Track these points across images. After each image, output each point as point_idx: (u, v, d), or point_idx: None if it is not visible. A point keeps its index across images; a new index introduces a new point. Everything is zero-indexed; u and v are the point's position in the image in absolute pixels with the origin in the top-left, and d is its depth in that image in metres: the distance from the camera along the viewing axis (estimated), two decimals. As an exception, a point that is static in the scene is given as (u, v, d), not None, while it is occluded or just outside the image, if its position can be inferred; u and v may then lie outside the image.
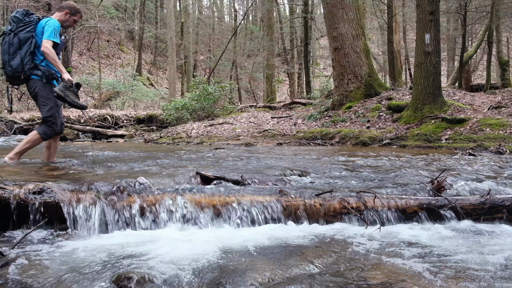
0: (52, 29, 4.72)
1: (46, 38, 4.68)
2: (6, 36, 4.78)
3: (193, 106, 16.80)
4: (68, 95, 4.65)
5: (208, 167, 4.73)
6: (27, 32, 4.75)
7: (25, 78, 4.79)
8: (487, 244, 2.59)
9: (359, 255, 2.38)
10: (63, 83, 4.68)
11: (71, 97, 4.67)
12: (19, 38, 4.72)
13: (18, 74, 4.74)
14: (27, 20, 4.79)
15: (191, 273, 2.05)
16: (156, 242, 2.52)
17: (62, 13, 4.99)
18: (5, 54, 4.75)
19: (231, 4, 44.01)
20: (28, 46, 4.73)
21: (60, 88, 4.66)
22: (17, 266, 2.12)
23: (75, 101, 4.71)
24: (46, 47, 4.64)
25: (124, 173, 4.10)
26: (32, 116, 17.52)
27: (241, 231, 2.79)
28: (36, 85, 4.80)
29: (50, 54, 4.65)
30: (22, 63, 4.71)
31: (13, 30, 4.75)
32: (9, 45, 4.73)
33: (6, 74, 4.84)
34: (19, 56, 4.71)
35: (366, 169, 5.06)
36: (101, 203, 2.80)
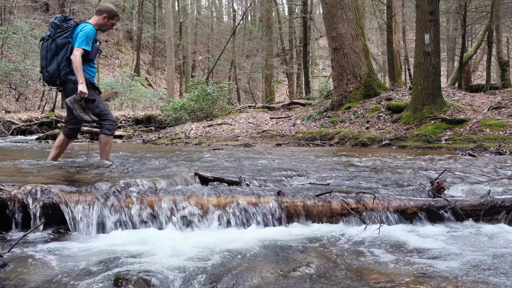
0: (85, 36, 4.78)
1: (77, 45, 4.75)
2: (45, 42, 4.88)
3: (192, 106, 16.78)
4: (75, 107, 4.73)
5: (207, 168, 4.72)
6: (64, 38, 4.83)
7: (61, 82, 4.91)
8: (487, 245, 2.57)
9: (358, 256, 2.36)
10: (75, 95, 4.74)
11: (77, 111, 4.75)
12: (56, 44, 4.82)
13: (54, 79, 4.86)
14: (64, 26, 4.88)
15: (190, 274, 2.05)
16: (155, 243, 2.52)
17: (100, 17, 5.06)
18: (43, 60, 4.87)
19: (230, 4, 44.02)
20: (64, 51, 4.82)
21: (71, 99, 4.73)
22: (14, 267, 2.11)
23: (80, 115, 4.77)
24: (75, 55, 4.71)
25: (122, 174, 4.08)
26: (30, 116, 17.47)
27: (240, 232, 2.78)
28: (72, 89, 4.87)
29: (75, 63, 4.70)
30: (58, 68, 4.81)
31: (51, 36, 4.85)
32: (47, 51, 4.83)
33: (43, 78, 4.95)
34: (55, 62, 4.81)
35: (366, 169, 5.04)
36: (99, 204, 2.79)
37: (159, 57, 39.16)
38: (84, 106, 4.79)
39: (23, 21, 22.95)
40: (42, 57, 4.89)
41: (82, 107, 4.77)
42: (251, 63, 33.69)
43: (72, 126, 5.10)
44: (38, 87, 22.88)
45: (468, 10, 17.12)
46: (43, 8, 30.87)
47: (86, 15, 26.82)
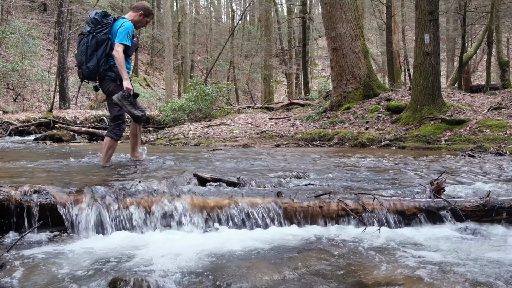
0: (126, 32, 4.82)
1: (118, 41, 4.78)
2: (85, 37, 4.89)
3: (190, 107, 16.74)
4: (125, 104, 4.76)
5: (205, 168, 4.71)
6: (104, 34, 4.86)
7: (100, 78, 4.96)
8: (487, 246, 2.57)
9: (357, 257, 2.36)
10: (122, 91, 4.75)
11: (127, 107, 4.78)
12: (96, 39, 4.84)
13: (94, 75, 4.90)
14: (104, 22, 4.92)
15: (188, 276, 2.04)
16: (153, 244, 2.51)
17: (136, 14, 5.11)
18: (82, 55, 4.86)
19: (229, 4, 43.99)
20: (104, 47, 4.86)
21: (118, 97, 4.74)
22: (12, 269, 2.11)
23: (131, 111, 4.81)
24: (117, 51, 4.74)
25: (121, 174, 4.09)
26: (28, 117, 17.41)
27: (239, 233, 2.78)
28: (109, 85, 4.95)
29: (118, 59, 4.74)
30: (97, 64, 4.85)
31: (91, 32, 4.87)
32: (87, 46, 4.85)
33: (82, 74, 4.94)
34: (95, 58, 4.84)
35: (365, 170, 5.05)
36: (97, 205, 2.79)
37: (158, 57, 39.11)
38: (133, 101, 4.82)
39: (21, 21, 22.94)
40: (82, 52, 4.87)
41: (131, 103, 4.80)
42: (250, 63, 33.67)
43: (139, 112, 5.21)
44: (36, 87, 22.82)
45: (468, 10, 17.11)
46: (40, 8, 30.82)
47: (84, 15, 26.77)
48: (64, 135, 13.31)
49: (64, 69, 21.24)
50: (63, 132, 13.81)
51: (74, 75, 26.61)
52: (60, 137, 12.96)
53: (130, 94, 4.77)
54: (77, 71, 5.06)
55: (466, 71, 19.47)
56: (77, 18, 27.74)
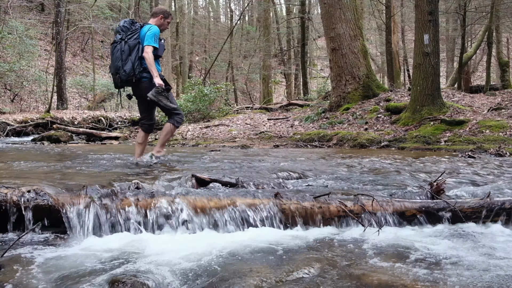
0: (153, 35, 5.22)
1: (147, 44, 5.17)
2: (118, 44, 5.26)
3: (188, 107, 16.71)
4: (160, 99, 5.15)
5: (204, 169, 4.71)
6: (134, 40, 5.24)
7: (136, 80, 5.26)
8: (487, 247, 2.57)
9: (356, 258, 2.36)
10: (155, 88, 5.11)
11: (163, 101, 5.17)
12: (129, 45, 5.21)
13: (131, 78, 5.21)
14: (133, 29, 5.32)
15: (186, 277, 2.05)
16: (151, 246, 2.52)
17: (157, 18, 5.48)
18: (118, 61, 5.22)
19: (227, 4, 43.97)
20: (136, 52, 5.21)
21: (153, 93, 5.10)
22: (9, 270, 2.11)
23: (168, 105, 5.23)
24: (147, 52, 5.14)
25: (119, 175, 4.08)
26: (25, 117, 17.36)
27: (237, 235, 2.78)
28: (147, 85, 5.25)
29: (148, 59, 5.12)
30: (133, 67, 5.19)
31: (123, 39, 5.25)
32: (122, 52, 5.21)
33: (120, 79, 5.25)
34: (130, 62, 5.19)
35: (364, 171, 5.04)
36: (95, 206, 2.79)
37: (156, 57, 38.96)
38: (167, 95, 5.20)
39: (18, 21, 22.90)
40: (117, 58, 5.23)
41: (165, 97, 5.18)
42: (249, 63, 33.55)
43: (149, 121, 5.62)
44: (34, 88, 22.77)
45: (468, 10, 17.11)
46: (38, 8, 30.78)
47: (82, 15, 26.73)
48: (62, 136, 13.30)
49: (62, 69, 21.20)
50: (61, 132, 13.81)
51: (71, 75, 26.61)
52: (58, 138, 12.97)
53: (163, 89, 5.14)
54: (114, 78, 5.37)
55: (466, 72, 19.44)
56: (75, 18, 27.70)
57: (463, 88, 17.82)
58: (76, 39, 32.03)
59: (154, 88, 5.13)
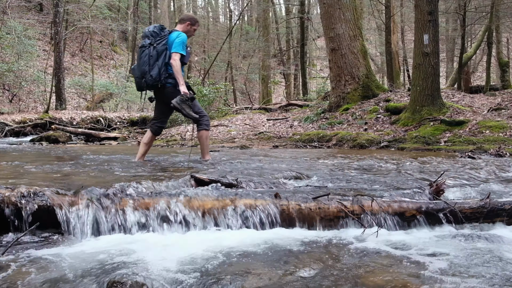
0: (181, 42, 5.32)
1: (174, 51, 5.27)
2: (146, 49, 5.35)
3: (188, 108, 16.61)
4: (184, 107, 5.23)
5: (203, 170, 4.69)
6: (162, 45, 5.33)
7: (161, 86, 5.37)
8: (486, 248, 2.56)
9: (356, 259, 2.36)
10: (180, 96, 5.20)
11: (186, 110, 5.25)
12: (157, 50, 5.31)
13: (156, 83, 5.32)
14: (162, 34, 5.41)
15: (185, 278, 2.05)
16: (150, 246, 2.52)
17: (184, 25, 5.59)
18: (145, 65, 5.31)
19: (226, 4, 43.93)
20: (163, 57, 5.32)
21: (177, 101, 5.19)
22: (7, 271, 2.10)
23: (190, 113, 5.30)
24: (174, 60, 5.25)
25: (118, 176, 4.08)
26: (24, 118, 17.33)
27: (236, 235, 2.76)
28: (171, 91, 5.36)
29: (175, 67, 5.24)
30: (159, 73, 5.29)
31: (152, 44, 5.35)
32: (149, 57, 5.30)
33: (145, 83, 5.34)
34: (157, 67, 5.29)
35: (364, 172, 5.03)
36: (94, 207, 2.79)
37: (155, 58, 38.90)
38: (191, 104, 5.30)
39: (17, 21, 22.85)
40: (144, 63, 5.31)
41: (189, 105, 5.28)
42: (248, 64, 33.51)
43: (160, 124, 5.72)
44: (32, 88, 22.73)
45: (468, 10, 17.09)
46: (37, 8, 30.71)
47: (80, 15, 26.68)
48: (60, 136, 13.27)
49: (61, 69, 21.17)
50: (60, 133, 13.79)
51: (70, 75, 26.57)
52: (57, 138, 12.96)
53: (187, 98, 5.23)
54: (137, 81, 5.44)
55: (466, 72, 19.41)
56: (74, 18, 27.65)
57: (463, 89, 17.80)
58: (75, 39, 31.98)
59: (179, 96, 5.21)
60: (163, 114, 5.72)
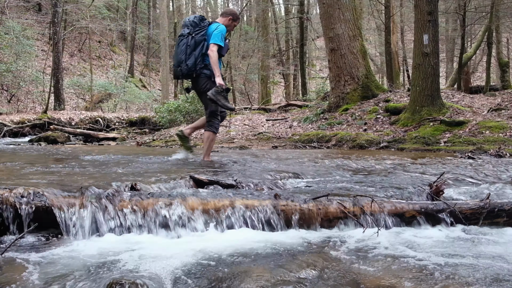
0: (220, 34, 5.42)
1: (213, 42, 5.36)
2: (184, 38, 5.46)
3: (187, 108, 16.64)
4: (219, 99, 5.30)
5: (202, 170, 4.66)
6: (201, 36, 5.44)
7: (196, 76, 5.48)
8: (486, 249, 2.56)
9: (355, 261, 2.35)
10: (215, 87, 5.31)
11: (222, 101, 5.33)
12: (195, 40, 5.41)
13: (191, 72, 5.43)
14: (202, 25, 5.51)
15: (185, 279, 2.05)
16: (149, 247, 2.51)
17: (226, 19, 5.69)
18: (182, 54, 5.42)
19: (225, 4, 43.84)
20: (201, 48, 5.41)
21: (213, 92, 5.28)
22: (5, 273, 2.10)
23: (225, 105, 5.39)
24: (212, 51, 5.34)
25: (116, 177, 4.05)
26: (22, 118, 17.30)
27: (236, 236, 2.76)
28: (206, 83, 5.49)
29: (212, 57, 5.33)
30: (195, 62, 5.40)
31: (191, 33, 5.45)
32: (187, 46, 5.41)
33: (181, 72, 5.47)
34: (193, 57, 5.39)
35: (363, 172, 5.02)
36: (93, 208, 2.78)
37: (154, 58, 39.00)
38: (226, 96, 5.40)
39: (15, 21, 22.83)
40: (181, 51, 5.42)
41: (224, 97, 5.37)
42: (247, 64, 33.47)
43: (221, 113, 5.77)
44: (31, 88, 22.70)
45: (468, 10, 17.07)
46: (35, 8, 30.69)
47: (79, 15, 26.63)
48: (59, 137, 13.28)
49: (59, 69, 21.14)
50: (58, 133, 13.80)
51: (69, 76, 26.52)
52: (55, 139, 12.97)
53: (223, 89, 5.33)
54: (174, 70, 5.58)
55: (466, 72, 19.40)
56: (72, 18, 27.63)
57: (463, 89, 17.80)
58: (74, 39, 31.97)
59: (214, 87, 5.31)
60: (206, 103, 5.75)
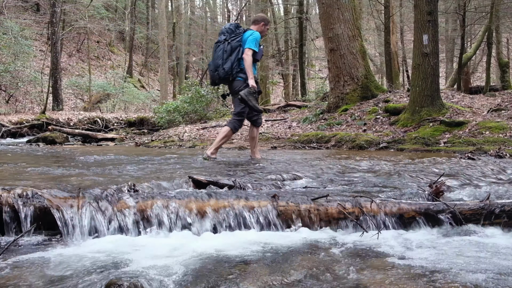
0: (254, 39, 5.77)
1: (248, 47, 5.71)
2: (221, 44, 5.82)
3: (185, 108, 16.63)
4: (250, 99, 5.61)
5: (201, 171, 4.66)
6: (236, 42, 5.79)
7: (232, 79, 5.82)
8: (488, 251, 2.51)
9: (355, 262, 2.32)
10: (248, 88, 5.63)
11: (252, 102, 5.64)
12: (231, 46, 5.76)
13: (228, 76, 5.77)
14: (237, 32, 5.89)
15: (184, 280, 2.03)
16: (148, 248, 2.50)
17: (259, 25, 6.05)
18: (219, 59, 5.78)
19: (224, 4, 43.88)
20: (236, 53, 5.76)
21: (245, 93, 5.59)
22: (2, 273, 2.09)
23: (256, 106, 5.73)
24: (247, 55, 5.69)
25: (115, 177, 4.04)
26: (20, 119, 17.27)
27: (235, 237, 2.75)
28: (240, 85, 5.79)
29: (247, 61, 5.69)
30: (231, 67, 5.74)
31: (227, 40, 5.81)
32: (224, 52, 5.76)
33: (218, 76, 5.81)
34: (230, 62, 5.73)
35: (363, 173, 4.98)
36: (91, 208, 2.77)
37: (152, 58, 39.00)
38: (257, 97, 5.72)
39: (13, 21, 22.81)
40: (218, 57, 5.78)
41: (256, 98, 5.70)
42: (246, 64, 33.49)
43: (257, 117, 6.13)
44: (29, 88, 22.66)
45: (467, 10, 17.06)
46: (33, 8, 30.68)
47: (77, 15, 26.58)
48: (57, 137, 13.28)
49: (57, 70, 21.11)
50: (56, 134, 13.81)
51: (67, 76, 26.48)
52: (54, 139, 12.98)
53: (255, 91, 5.66)
54: (211, 75, 5.91)
55: (466, 72, 19.39)
56: (71, 19, 27.59)
57: (463, 89, 17.81)
58: (72, 40, 31.95)
59: (247, 88, 5.62)
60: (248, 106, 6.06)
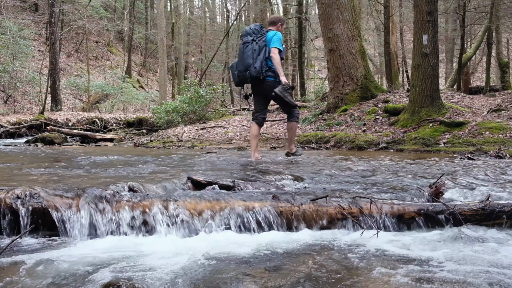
0: (279, 39, 5.99)
1: (274, 46, 5.93)
2: (250, 44, 6.00)
3: (184, 109, 16.60)
4: (286, 95, 5.85)
5: (200, 172, 4.66)
6: (262, 42, 6.00)
7: (263, 78, 5.98)
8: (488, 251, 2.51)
9: (354, 263, 2.33)
10: (282, 85, 5.85)
11: (288, 97, 5.90)
12: (259, 45, 5.96)
13: (259, 74, 5.93)
14: (262, 32, 6.10)
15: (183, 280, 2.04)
16: (147, 249, 2.51)
17: (277, 26, 6.24)
18: (249, 59, 5.95)
19: (223, 4, 43.88)
20: (264, 52, 5.96)
21: (280, 89, 5.81)
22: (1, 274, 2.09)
23: (291, 101, 6.00)
24: (274, 53, 5.90)
25: (114, 178, 4.05)
26: (19, 119, 17.23)
27: (234, 238, 2.75)
28: (271, 84, 5.97)
29: (276, 59, 5.91)
30: (261, 65, 5.93)
31: (254, 40, 6.01)
32: (253, 51, 5.94)
33: (249, 75, 5.97)
34: (259, 60, 5.92)
35: (362, 173, 4.99)
36: (90, 209, 2.77)
37: (151, 58, 38.96)
38: (291, 93, 5.96)
39: (12, 21, 22.77)
40: (248, 57, 5.95)
41: (290, 94, 5.93)
42: (246, 64, 33.47)
43: (263, 115, 6.37)
44: (27, 89, 22.62)
45: (467, 10, 17.06)
46: (32, 8, 30.64)
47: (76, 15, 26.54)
48: (56, 138, 13.25)
49: (56, 70, 21.07)
50: (55, 134, 13.78)
51: (65, 76, 26.44)
52: (52, 140, 12.95)
53: (289, 87, 5.88)
54: (240, 75, 6.06)
55: (465, 73, 19.38)
56: (69, 19, 27.55)
57: (463, 89, 17.80)
58: (71, 40, 31.90)
59: (281, 85, 5.82)
60: (263, 106, 6.33)
